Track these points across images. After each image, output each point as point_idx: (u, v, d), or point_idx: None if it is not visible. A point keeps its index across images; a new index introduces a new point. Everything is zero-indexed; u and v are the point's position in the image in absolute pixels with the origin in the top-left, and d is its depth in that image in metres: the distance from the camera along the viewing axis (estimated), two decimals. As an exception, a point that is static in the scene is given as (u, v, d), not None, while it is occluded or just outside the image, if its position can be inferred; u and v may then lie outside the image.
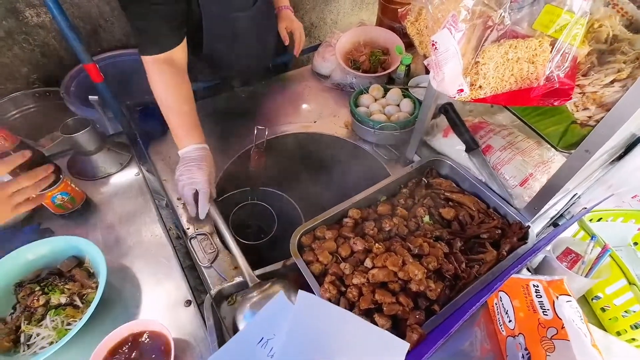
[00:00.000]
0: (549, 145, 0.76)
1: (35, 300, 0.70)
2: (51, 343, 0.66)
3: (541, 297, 0.62)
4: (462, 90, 0.61)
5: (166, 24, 0.83)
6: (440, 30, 0.54)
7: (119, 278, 0.79)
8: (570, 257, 0.75)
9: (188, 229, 0.88)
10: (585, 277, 0.70)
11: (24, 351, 0.66)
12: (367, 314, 0.64)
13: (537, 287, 0.64)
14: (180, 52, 0.87)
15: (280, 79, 1.33)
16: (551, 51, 0.54)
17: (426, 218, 0.82)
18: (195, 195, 0.83)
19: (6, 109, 1.25)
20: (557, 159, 0.79)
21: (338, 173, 1.13)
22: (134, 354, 0.64)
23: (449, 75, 0.58)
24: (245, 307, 0.69)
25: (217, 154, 1.04)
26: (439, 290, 0.65)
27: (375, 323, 0.63)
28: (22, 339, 0.67)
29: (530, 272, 0.81)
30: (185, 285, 0.78)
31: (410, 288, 0.66)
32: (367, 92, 1.15)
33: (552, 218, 0.90)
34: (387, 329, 0.62)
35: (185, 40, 0.88)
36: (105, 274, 0.70)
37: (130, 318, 0.73)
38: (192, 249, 0.83)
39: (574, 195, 0.90)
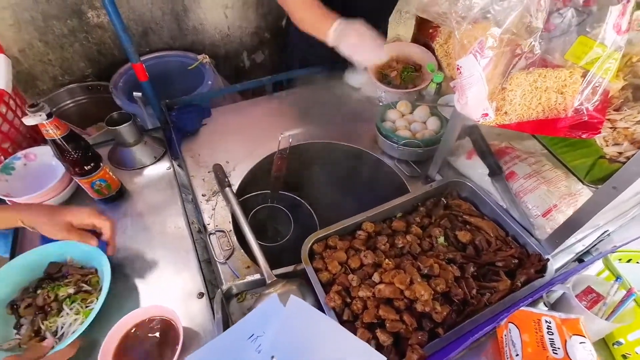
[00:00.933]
0: (576, 178, 0.74)
1: (46, 297, 0.72)
2: (82, 323, 0.68)
3: (553, 334, 0.60)
4: (486, 115, 0.61)
5: None
6: (466, 55, 0.55)
7: (141, 262, 0.84)
8: (591, 297, 0.71)
9: (208, 224, 0.93)
10: (605, 319, 0.66)
11: (56, 343, 0.67)
12: (370, 328, 0.65)
13: (550, 323, 0.61)
14: None
15: (310, 87, 1.37)
16: (582, 83, 0.53)
17: (441, 239, 0.81)
18: None
19: (62, 98, 1.38)
20: (585, 193, 0.76)
21: (357, 185, 1.14)
22: (144, 338, 0.68)
23: (473, 99, 0.58)
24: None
25: (244, 156, 1.09)
26: (445, 313, 0.65)
27: (377, 338, 0.63)
28: (47, 336, 0.68)
29: (547, 307, 0.77)
30: (200, 277, 0.82)
31: (416, 308, 0.65)
32: (395, 107, 1.15)
33: (577, 253, 0.86)
34: (387, 346, 0.63)
35: None
36: (105, 259, 0.73)
37: (147, 301, 0.78)
38: (210, 244, 0.87)
39: (605, 232, 0.86)
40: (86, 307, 0.73)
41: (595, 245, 0.86)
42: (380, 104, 1.28)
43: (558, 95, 0.56)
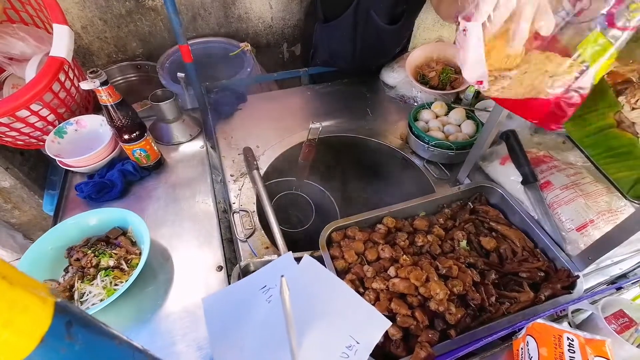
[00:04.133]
0: (620, 195, 0.69)
1: (89, 261, 0.76)
2: (101, 300, 0.72)
3: (574, 352, 0.56)
4: (481, 83, 0.58)
5: None
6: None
7: (169, 230, 0.89)
8: (622, 322, 0.66)
9: (234, 203, 0.96)
10: (636, 347, 0.62)
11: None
12: (380, 320, 0.65)
13: (572, 341, 0.58)
14: None
15: (345, 82, 1.37)
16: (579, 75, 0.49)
17: (463, 243, 0.79)
18: None
19: (113, 74, 1.48)
20: (627, 211, 0.71)
21: (383, 182, 1.13)
22: None
23: (470, 61, 0.55)
24: None
25: (274, 142, 1.11)
26: (459, 316, 0.63)
27: (386, 331, 0.63)
28: (75, 296, 0.73)
29: (571, 326, 0.73)
30: (220, 253, 0.86)
31: (429, 306, 0.64)
32: (430, 107, 1.13)
33: (612, 276, 0.81)
34: (396, 340, 0.62)
35: None
36: (148, 243, 0.75)
37: (169, 269, 0.82)
38: (233, 222, 0.91)
39: (646, 257, 0.80)
40: (115, 285, 0.75)
41: (634, 270, 0.80)
42: (415, 103, 1.26)
43: (551, 79, 0.51)
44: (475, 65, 0.55)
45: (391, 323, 0.51)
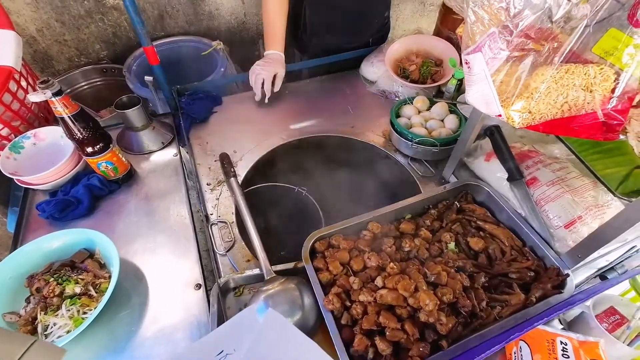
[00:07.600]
0: (606, 188, 0.67)
1: (51, 291, 0.69)
2: (68, 331, 0.66)
3: (568, 357, 0.55)
4: (500, 116, 0.55)
5: None
6: (474, 53, 0.49)
7: (142, 247, 0.83)
8: (614, 319, 0.65)
9: (211, 214, 0.91)
10: (628, 345, 0.61)
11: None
12: (369, 335, 0.62)
13: (566, 345, 0.56)
14: None
15: (324, 78, 1.32)
16: (615, 80, 0.47)
17: (451, 245, 0.76)
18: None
19: (76, 79, 1.39)
20: (614, 205, 0.69)
21: (367, 182, 1.10)
22: None
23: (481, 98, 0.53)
24: (260, 299, 0.69)
25: (252, 146, 1.06)
26: (450, 325, 0.60)
27: (375, 346, 0.60)
28: (39, 329, 0.67)
29: (562, 325, 0.72)
30: (198, 268, 0.81)
31: (419, 317, 0.61)
32: (412, 102, 1.10)
33: (599, 269, 0.80)
34: (386, 355, 0.59)
35: None
36: (118, 265, 0.70)
37: (143, 290, 0.76)
38: (211, 235, 0.86)
39: (632, 247, 0.79)
40: (83, 313, 0.69)
41: (621, 262, 0.79)
42: (397, 98, 1.23)
43: (587, 93, 0.49)
44: (488, 96, 0.52)
45: None
